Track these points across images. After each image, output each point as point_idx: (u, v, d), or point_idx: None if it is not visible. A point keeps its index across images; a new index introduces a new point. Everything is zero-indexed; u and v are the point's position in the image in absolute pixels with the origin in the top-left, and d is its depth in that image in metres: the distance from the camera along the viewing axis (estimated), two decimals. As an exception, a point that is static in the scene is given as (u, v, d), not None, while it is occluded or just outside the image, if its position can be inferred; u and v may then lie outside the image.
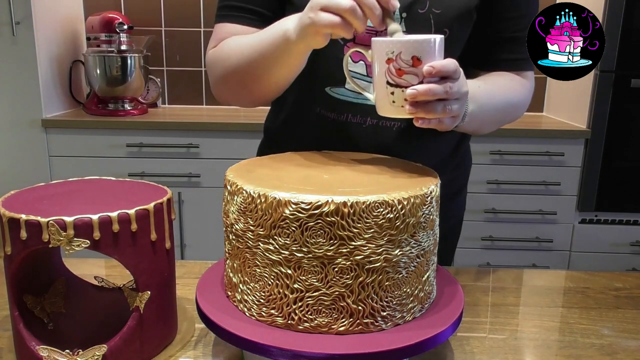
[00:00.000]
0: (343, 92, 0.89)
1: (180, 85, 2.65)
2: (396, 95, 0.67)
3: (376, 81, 0.69)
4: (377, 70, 0.68)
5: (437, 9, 0.85)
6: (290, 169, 0.72)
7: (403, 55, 0.65)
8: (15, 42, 2.13)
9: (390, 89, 0.67)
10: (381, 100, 0.70)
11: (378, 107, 0.72)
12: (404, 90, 0.66)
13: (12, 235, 0.61)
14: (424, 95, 0.65)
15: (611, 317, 0.83)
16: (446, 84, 0.66)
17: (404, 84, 0.66)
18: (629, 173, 2.17)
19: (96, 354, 0.63)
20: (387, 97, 0.68)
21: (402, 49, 0.65)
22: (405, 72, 0.66)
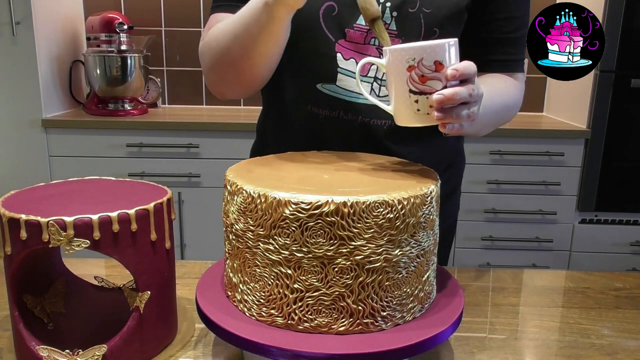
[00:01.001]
0: (334, 89, 0.89)
1: (180, 85, 2.65)
2: (421, 103, 0.65)
3: (396, 91, 0.67)
4: (396, 79, 0.66)
5: (427, 9, 0.85)
6: (290, 169, 0.72)
7: (425, 61, 0.64)
8: (15, 42, 2.13)
9: (414, 97, 0.65)
10: (403, 110, 0.68)
11: (398, 117, 0.70)
12: (429, 97, 0.64)
13: (12, 235, 0.61)
14: (450, 99, 0.64)
15: (611, 317, 0.83)
16: (469, 86, 0.66)
17: (429, 91, 0.64)
18: (629, 173, 2.17)
19: (96, 354, 0.63)
20: (411, 106, 0.66)
21: (424, 54, 0.64)
22: (429, 78, 0.64)
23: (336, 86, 0.89)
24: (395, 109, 0.69)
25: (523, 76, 0.97)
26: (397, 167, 0.74)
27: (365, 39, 0.86)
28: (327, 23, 0.86)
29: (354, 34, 0.86)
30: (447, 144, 1.02)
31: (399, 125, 0.70)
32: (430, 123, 0.67)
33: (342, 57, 0.87)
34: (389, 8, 0.85)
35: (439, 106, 0.64)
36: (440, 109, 0.65)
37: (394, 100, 0.69)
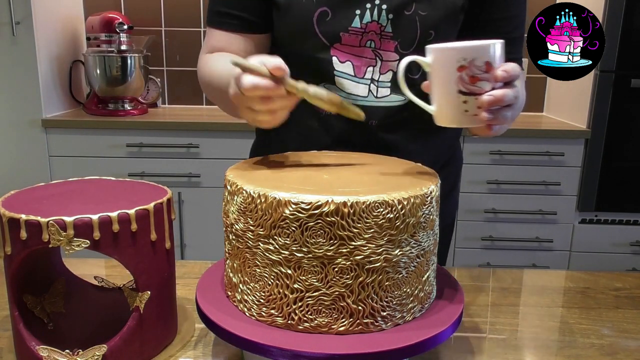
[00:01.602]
0: (334, 89, 0.90)
1: (180, 85, 2.65)
2: (469, 104, 0.65)
3: (442, 91, 0.67)
4: (443, 79, 0.65)
5: (423, 11, 0.85)
6: (290, 169, 0.72)
7: (477, 61, 0.63)
8: (15, 42, 2.13)
9: (463, 98, 0.65)
10: (449, 111, 0.67)
11: (442, 118, 0.69)
12: (477, 98, 0.64)
13: (12, 235, 0.61)
14: (500, 101, 0.64)
15: (611, 317, 0.83)
16: (514, 88, 0.66)
17: (478, 91, 0.64)
18: (629, 173, 2.17)
19: (96, 354, 0.63)
20: (459, 107, 0.65)
21: (476, 55, 0.63)
22: (479, 79, 0.64)
23: (336, 87, 0.90)
24: (440, 109, 0.68)
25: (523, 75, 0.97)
26: (397, 167, 0.74)
27: (361, 41, 0.86)
28: (321, 28, 0.86)
29: (350, 37, 0.86)
30: (445, 142, 1.02)
31: (440, 125, 0.69)
32: (477, 124, 0.67)
33: (338, 60, 0.88)
34: (385, 10, 0.85)
35: (489, 107, 0.64)
36: (488, 111, 0.64)
37: (439, 101, 0.68)
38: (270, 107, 0.66)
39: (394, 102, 0.90)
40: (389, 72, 0.88)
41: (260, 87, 0.63)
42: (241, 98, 0.67)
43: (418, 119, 0.92)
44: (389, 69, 0.88)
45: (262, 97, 0.65)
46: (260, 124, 0.70)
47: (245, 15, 0.91)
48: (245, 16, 0.91)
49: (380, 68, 0.88)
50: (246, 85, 0.64)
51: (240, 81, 0.65)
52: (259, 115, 0.67)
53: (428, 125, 0.70)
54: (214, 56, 0.92)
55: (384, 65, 0.88)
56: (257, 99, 0.65)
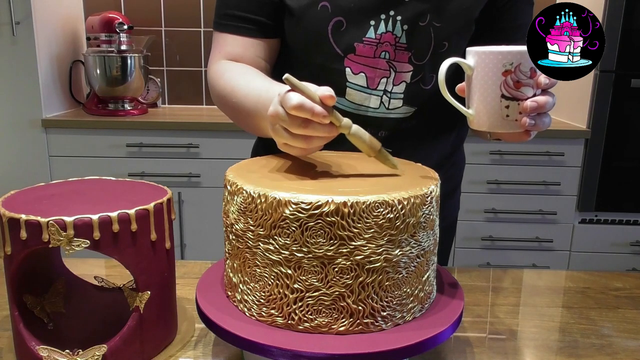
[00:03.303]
0: (343, 102, 0.89)
1: (180, 85, 2.65)
2: (511, 109, 0.65)
3: (483, 94, 0.66)
4: (487, 83, 0.65)
5: (437, 22, 0.85)
6: (290, 169, 0.72)
7: (522, 66, 0.63)
8: (15, 42, 2.13)
9: (505, 102, 0.65)
10: (489, 114, 0.67)
11: (480, 122, 0.68)
12: (520, 103, 0.64)
13: (12, 235, 0.61)
14: (543, 107, 0.64)
15: (611, 317, 0.83)
16: (554, 96, 0.66)
17: (521, 97, 0.64)
18: (628, 173, 2.17)
19: (96, 354, 0.63)
20: (500, 111, 0.65)
21: (522, 60, 0.63)
22: (523, 85, 0.64)
23: (345, 99, 0.89)
24: (479, 113, 0.68)
25: None
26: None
27: (375, 52, 0.86)
28: (335, 38, 0.85)
29: (364, 48, 0.85)
30: (449, 146, 1.02)
31: (476, 129, 0.69)
32: (516, 130, 0.67)
33: (351, 71, 0.87)
34: (399, 22, 0.84)
35: (531, 113, 0.64)
36: (530, 117, 0.65)
37: (479, 104, 0.67)
38: (309, 133, 0.63)
39: (405, 114, 0.90)
40: (402, 83, 0.88)
41: (306, 109, 0.61)
42: (279, 117, 0.64)
43: (423, 126, 0.92)
44: (402, 80, 0.87)
45: (303, 120, 0.62)
46: (291, 150, 0.67)
47: (262, 19, 0.88)
48: (262, 20, 0.88)
49: (394, 79, 0.87)
50: (293, 102, 0.60)
51: (287, 98, 0.62)
52: (294, 140, 0.64)
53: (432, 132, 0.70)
54: (234, 68, 0.88)
55: (398, 77, 0.87)
56: (297, 121, 0.62)
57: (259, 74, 0.87)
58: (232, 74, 0.88)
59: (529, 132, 0.68)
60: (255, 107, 0.79)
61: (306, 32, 0.86)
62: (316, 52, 0.87)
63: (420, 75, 0.87)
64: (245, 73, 0.87)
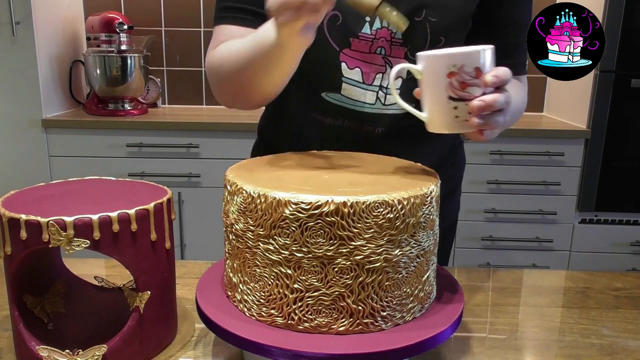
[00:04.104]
0: (339, 97, 0.89)
1: (180, 85, 2.65)
2: (460, 110, 0.65)
3: (432, 97, 0.67)
4: (434, 86, 0.66)
5: (433, 18, 0.85)
6: (290, 169, 0.72)
7: (466, 67, 0.63)
8: (15, 42, 2.13)
9: (453, 104, 0.65)
10: (440, 117, 0.67)
11: (433, 124, 0.69)
12: (468, 104, 0.64)
13: (12, 235, 0.61)
14: (491, 106, 0.64)
15: (611, 317, 0.83)
16: (505, 93, 0.66)
17: (468, 97, 0.64)
18: (629, 173, 2.17)
19: (96, 354, 0.63)
20: (450, 113, 0.66)
21: (466, 61, 0.63)
22: (469, 85, 0.64)
23: (341, 95, 0.89)
24: (431, 116, 0.69)
25: (525, 78, 0.98)
26: (397, 167, 0.74)
27: (371, 47, 0.86)
28: (331, 32, 0.85)
29: (359, 43, 0.86)
30: (448, 145, 1.02)
31: (432, 131, 0.70)
32: (468, 130, 0.67)
33: (347, 66, 0.87)
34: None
35: (479, 112, 0.64)
36: (479, 116, 0.65)
37: (430, 107, 0.68)
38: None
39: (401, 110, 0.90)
40: (399, 79, 0.88)
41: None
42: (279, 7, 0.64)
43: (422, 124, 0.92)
44: (398, 76, 0.88)
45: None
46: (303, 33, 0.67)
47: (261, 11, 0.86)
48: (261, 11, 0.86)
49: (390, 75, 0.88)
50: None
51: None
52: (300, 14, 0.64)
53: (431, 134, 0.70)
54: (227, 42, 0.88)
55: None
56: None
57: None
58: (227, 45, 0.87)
59: (482, 132, 0.67)
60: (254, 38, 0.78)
61: None
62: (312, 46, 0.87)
63: None
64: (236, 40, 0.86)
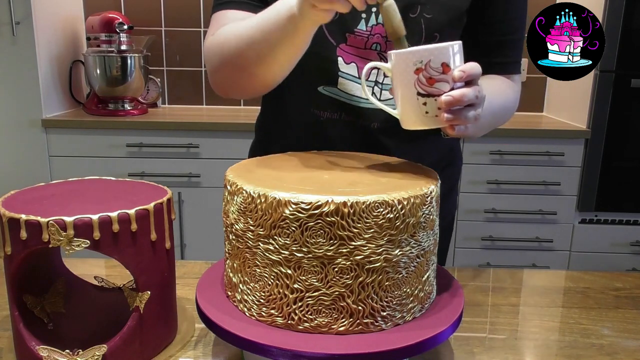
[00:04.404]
0: (336, 91, 0.90)
1: (180, 85, 2.65)
2: (429, 105, 0.66)
3: (402, 94, 0.67)
4: (403, 83, 0.66)
5: (428, 14, 0.85)
6: (290, 169, 0.72)
7: (432, 63, 0.64)
8: (15, 42, 2.13)
9: (422, 100, 0.66)
10: (411, 113, 0.68)
11: (405, 121, 0.69)
12: (437, 99, 0.65)
13: (12, 235, 0.61)
14: (459, 101, 0.64)
15: (611, 317, 0.83)
16: (475, 87, 0.66)
17: (436, 93, 0.65)
18: (629, 173, 2.17)
19: (96, 354, 0.63)
20: (419, 109, 0.66)
21: (431, 56, 0.64)
22: (436, 80, 0.64)
23: (338, 89, 0.89)
24: (402, 113, 0.69)
25: (519, 77, 0.98)
26: (397, 167, 0.74)
27: (366, 43, 0.86)
28: (328, 27, 0.86)
29: (355, 39, 0.86)
30: (445, 144, 1.02)
31: (406, 128, 0.70)
32: (438, 125, 0.67)
33: (343, 61, 0.87)
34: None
35: (448, 108, 0.64)
36: (448, 111, 0.65)
37: (401, 104, 0.68)
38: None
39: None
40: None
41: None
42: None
43: None
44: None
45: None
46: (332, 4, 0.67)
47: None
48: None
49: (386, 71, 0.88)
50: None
51: None
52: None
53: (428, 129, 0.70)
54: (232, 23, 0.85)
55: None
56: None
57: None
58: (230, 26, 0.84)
59: (453, 127, 0.67)
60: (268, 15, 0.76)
61: None
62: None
63: None
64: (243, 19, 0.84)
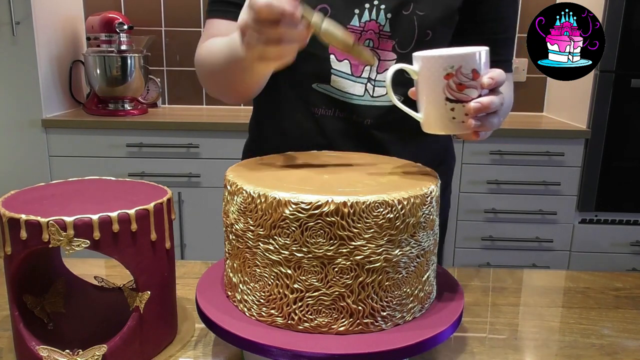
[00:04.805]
0: (329, 88, 0.90)
1: (180, 85, 2.65)
2: (457, 111, 0.65)
3: (429, 98, 0.67)
4: (431, 87, 0.66)
5: (420, 11, 0.85)
6: (290, 169, 0.72)
7: (464, 69, 0.64)
8: (15, 42, 2.13)
9: (450, 105, 0.65)
10: (437, 118, 0.67)
11: (429, 125, 0.69)
12: (465, 105, 0.65)
13: (12, 235, 0.61)
14: (487, 108, 0.64)
15: (611, 317, 0.83)
16: (500, 95, 0.66)
17: (465, 99, 0.65)
18: (629, 173, 2.17)
19: (96, 354, 0.63)
20: (446, 114, 0.66)
21: (463, 62, 0.64)
22: (466, 87, 0.64)
23: (331, 86, 0.90)
24: (427, 117, 0.68)
25: (511, 76, 0.98)
26: (397, 167, 0.74)
27: (359, 40, 0.87)
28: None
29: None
30: (438, 142, 1.02)
31: (428, 132, 0.70)
32: (464, 131, 0.67)
33: (336, 58, 0.88)
34: (383, 10, 0.85)
35: (475, 114, 0.65)
36: (475, 117, 0.65)
37: (426, 108, 0.68)
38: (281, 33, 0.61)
39: (390, 102, 0.90)
40: (386, 71, 0.88)
41: (274, 7, 0.59)
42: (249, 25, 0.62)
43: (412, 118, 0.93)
44: (386, 69, 0.88)
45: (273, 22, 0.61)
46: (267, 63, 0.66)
47: None
48: None
49: (378, 67, 0.88)
50: (260, 3, 0.59)
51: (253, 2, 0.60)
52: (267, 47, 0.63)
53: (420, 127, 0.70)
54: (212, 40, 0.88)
55: (382, 65, 0.88)
56: (267, 25, 0.61)
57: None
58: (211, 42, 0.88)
59: (478, 133, 0.68)
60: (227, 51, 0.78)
61: None
62: None
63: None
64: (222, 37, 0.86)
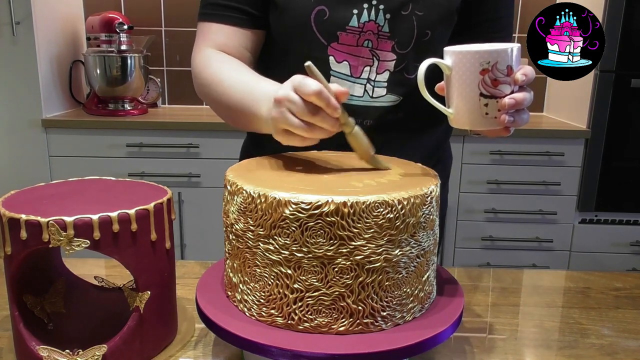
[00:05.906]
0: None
1: (180, 85, 2.65)
2: (490, 107, 0.66)
3: (462, 93, 0.67)
4: (465, 82, 0.66)
5: (419, 11, 0.86)
6: (290, 169, 0.72)
7: (499, 65, 0.64)
8: (15, 42, 2.13)
9: (484, 101, 0.66)
10: (469, 113, 0.67)
11: (459, 120, 0.69)
12: (498, 101, 0.65)
13: (12, 235, 0.61)
14: (521, 104, 0.65)
15: (611, 317, 0.83)
16: (531, 92, 0.67)
17: (499, 94, 0.65)
18: (629, 173, 2.17)
19: (96, 354, 0.63)
20: (480, 109, 0.66)
21: (499, 58, 0.64)
22: (501, 82, 0.65)
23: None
24: (459, 112, 0.68)
25: None
26: (397, 167, 0.74)
27: (358, 41, 0.86)
28: (318, 27, 0.86)
29: (347, 36, 0.86)
30: (435, 141, 1.02)
31: (456, 127, 0.70)
32: (496, 127, 0.67)
33: (335, 60, 0.88)
34: (382, 10, 0.85)
35: (510, 110, 0.65)
36: (509, 113, 0.66)
37: (459, 103, 0.68)
38: (317, 122, 0.65)
39: (389, 102, 0.90)
40: (386, 72, 0.88)
41: (323, 97, 0.63)
42: (291, 101, 0.66)
43: (410, 118, 0.93)
44: (385, 69, 0.88)
45: (314, 108, 0.65)
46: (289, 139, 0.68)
47: (247, 9, 0.89)
48: (247, 9, 0.89)
49: (377, 68, 0.88)
50: (313, 88, 0.63)
51: (306, 84, 0.64)
52: (298, 127, 0.66)
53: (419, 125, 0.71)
54: (221, 59, 0.89)
55: (381, 65, 0.88)
56: (309, 107, 0.65)
57: (246, 67, 0.87)
58: (219, 64, 0.88)
59: (509, 128, 0.69)
60: (241, 100, 0.80)
61: (289, 20, 0.87)
62: (299, 41, 0.88)
63: (404, 64, 0.88)
64: (232, 64, 0.87)
